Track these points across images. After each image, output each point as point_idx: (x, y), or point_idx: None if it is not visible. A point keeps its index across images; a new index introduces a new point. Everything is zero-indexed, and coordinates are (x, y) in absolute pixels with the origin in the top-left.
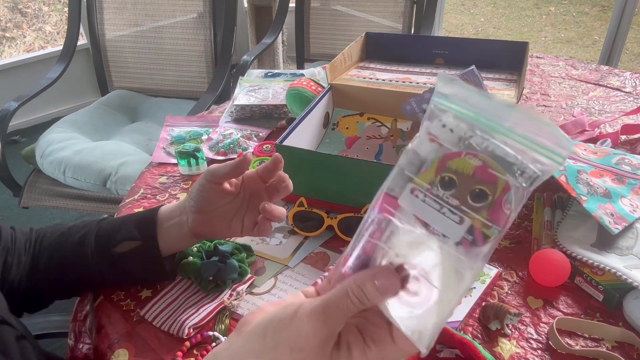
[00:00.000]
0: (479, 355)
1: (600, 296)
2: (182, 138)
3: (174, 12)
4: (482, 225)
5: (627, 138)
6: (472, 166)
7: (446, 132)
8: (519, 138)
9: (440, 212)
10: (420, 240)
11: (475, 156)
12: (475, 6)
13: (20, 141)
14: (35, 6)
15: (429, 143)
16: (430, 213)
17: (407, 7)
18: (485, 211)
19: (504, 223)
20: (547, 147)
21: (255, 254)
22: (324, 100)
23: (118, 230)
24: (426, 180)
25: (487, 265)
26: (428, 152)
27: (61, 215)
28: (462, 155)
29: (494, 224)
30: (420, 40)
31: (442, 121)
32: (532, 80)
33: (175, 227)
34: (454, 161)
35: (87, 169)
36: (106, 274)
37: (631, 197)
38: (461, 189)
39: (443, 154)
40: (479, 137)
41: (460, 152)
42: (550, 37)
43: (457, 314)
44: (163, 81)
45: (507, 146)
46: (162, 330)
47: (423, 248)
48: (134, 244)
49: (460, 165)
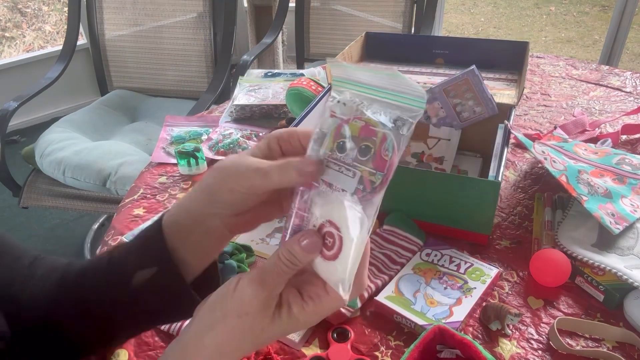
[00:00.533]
0: (479, 356)
1: (600, 296)
2: (182, 138)
3: (174, 12)
4: (369, 174)
5: (627, 138)
6: (358, 128)
7: (341, 106)
8: (389, 95)
9: (339, 171)
10: (329, 200)
11: (359, 119)
12: (476, 6)
13: (20, 141)
14: (35, 6)
15: (329, 119)
16: (332, 174)
17: (407, 7)
18: (370, 162)
19: (385, 168)
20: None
21: (255, 254)
22: (324, 100)
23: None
24: (328, 149)
25: (488, 265)
26: (329, 126)
27: (61, 215)
28: (350, 120)
29: (377, 171)
30: (420, 40)
31: (336, 98)
32: (532, 80)
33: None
34: (345, 127)
35: (87, 169)
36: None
37: (632, 197)
38: (351, 149)
39: (337, 124)
40: (363, 104)
41: (349, 119)
42: (550, 37)
43: (457, 314)
44: (163, 81)
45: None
46: (162, 330)
47: (333, 206)
48: (148, 272)
49: (350, 130)
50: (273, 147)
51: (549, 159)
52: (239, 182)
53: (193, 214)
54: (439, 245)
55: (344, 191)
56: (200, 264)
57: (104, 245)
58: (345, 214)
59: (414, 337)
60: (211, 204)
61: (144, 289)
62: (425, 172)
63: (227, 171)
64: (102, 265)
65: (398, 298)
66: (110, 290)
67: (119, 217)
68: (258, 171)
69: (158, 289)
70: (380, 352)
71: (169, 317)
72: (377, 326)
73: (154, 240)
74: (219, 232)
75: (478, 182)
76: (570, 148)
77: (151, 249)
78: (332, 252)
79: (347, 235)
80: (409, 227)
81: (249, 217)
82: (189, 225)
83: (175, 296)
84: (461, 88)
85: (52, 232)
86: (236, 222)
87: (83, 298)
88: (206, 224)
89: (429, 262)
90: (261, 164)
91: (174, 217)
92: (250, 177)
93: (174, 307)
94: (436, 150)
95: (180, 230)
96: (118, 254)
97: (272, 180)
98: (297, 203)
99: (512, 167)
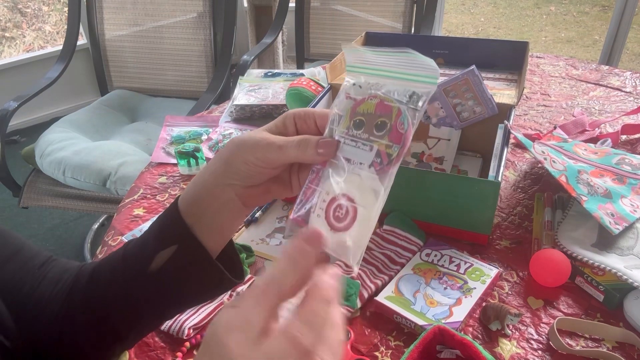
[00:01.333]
0: (479, 356)
1: (600, 296)
2: (182, 138)
3: (174, 12)
4: (385, 147)
5: (627, 138)
6: (373, 105)
7: (357, 89)
8: (402, 75)
9: (356, 147)
10: (345, 175)
11: (375, 97)
12: (476, 6)
13: (20, 141)
14: (35, 6)
15: (345, 100)
16: (350, 150)
17: (407, 7)
18: (386, 136)
19: (401, 141)
20: (421, 74)
21: (255, 254)
22: (324, 100)
23: (145, 245)
24: (345, 127)
25: (488, 266)
26: (344, 107)
27: (61, 215)
28: (366, 99)
29: (394, 143)
30: (420, 40)
31: (353, 80)
32: (532, 80)
33: (224, 211)
34: (361, 106)
35: (87, 169)
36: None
37: (632, 197)
38: (368, 125)
39: (353, 104)
40: (378, 84)
41: (364, 98)
42: (550, 37)
43: (457, 315)
44: (163, 81)
45: (395, 84)
46: (162, 330)
47: (347, 180)
48: (168, 251)
49: (365, 108)
50: (289, 124)
51: (549, 159)
52: (254, 154)
53: (209, 185)
54: (439, 245)
55: (362, 164)
56: (220, 241)
57: (104, 245)
58: (361, 185)
59: (414, 337)
60: (226, 173)
61: (165, 271)
62: (425, 172)
63: (244, 143)
64: (117, 258)
65: (398, 298)
66: (125, 283)
67: (119, 217)
68: (273, 145)
69: (181, 266)
70: (380, 352)
71: (198, 295)
72: (377, 326)
73: (172, 220)
74: (233, 205)
75: (478, 182)
76: (570, 148)
77: (169, 228)
78: (343, 223)
79: (362, 205)
80: (409, 227)
81: (261, 190)
82: (205, 200)
83: (200, 270)
84: (461, 88)
85: (52, 232)
86: (249, 194)
87: (97, 295)
88: (222, 196)
89: (429, 262)
90: (277, 139)
91: (190, 195)
92: (266, 150)
93: (203, 282)
94: (436, 150)
95: (196, 208)
96: (133, 244)
97: (289, 154)
98: (311, 177)
99: (512, 167)
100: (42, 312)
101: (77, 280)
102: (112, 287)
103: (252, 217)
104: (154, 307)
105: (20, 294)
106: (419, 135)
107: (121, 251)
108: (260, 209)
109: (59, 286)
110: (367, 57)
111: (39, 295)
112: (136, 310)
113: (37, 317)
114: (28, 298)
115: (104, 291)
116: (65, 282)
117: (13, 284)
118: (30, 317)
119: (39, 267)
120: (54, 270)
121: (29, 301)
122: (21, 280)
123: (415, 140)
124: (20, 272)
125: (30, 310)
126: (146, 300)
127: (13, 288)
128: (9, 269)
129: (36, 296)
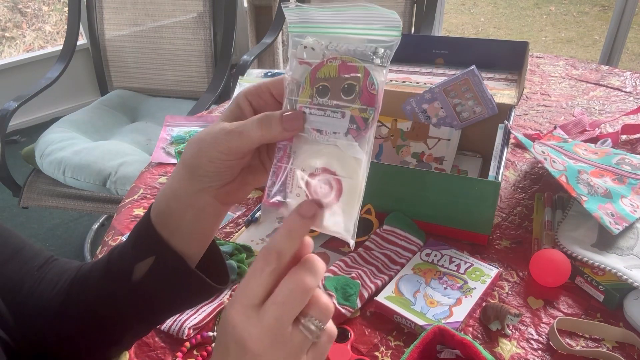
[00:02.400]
0: (479, 356)
1: (600, 296)
2: (182, 138)
3: (174, 12)
4: (359, 111)
5: (627, 138)
6: (335, 68)
7: (309, 52)
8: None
9: (325, 115)
10: (319, 148)
11: (335, 59)
12: (476, 6)
13: (20, 141)
14: (35, 6)
15: (299, 66)
16: (319, 120)
17: (407, 7)
18: (357, 100)
19: (375, 102)
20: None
21: (255, 254)
22: None
23: (124, 255)
24: (307, 96)
25: (488, 266)
26: (301, 74)
27: (61, 215)
28: (325, 62)
29: (368, 106)
30: (420, 40)
31: (302, 43)
32: (532, 80)
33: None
34: (321, 70)
35: (87, 169)
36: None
37: (632, 197)
38: (334, 91)
39: (312, 69)
40: (333, 43)
41: (323, 62)
42: (550, 37)
43: (457, 315)
44: (163, 81)
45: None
46: (162, 330)
47: (322, 153)
48: (148, 262)
49: (326, 72)
50: (243, 105)
51: (549, 159)
52: (216, 148)
53: (180, 196)
54: (439, 245)
55: (336, 133)
56: (199, 246)
57: (104, 245)
58: (341, 155)
59: (414, 338)
60: (195, 179)
61: (146, 281)
62: (425, 172)
63: (203, 142)
64: (103, 265)
65: (398, 298)
66: (112, 289)
67: (119, 217)
68: (232, 132)
69: (161, 276)
70: (380, 352)
71: (183, 302)
72: (377, 326)
73: (146, 231)
74: (212, 208)
75: (478, 182)
76: (570, 148)
77: (144, 240)
78: (329, 198)
79: (346, 175)
80: (409, 227)
81: (237, 185)
82: (178, 211)
83: (180, 279)
84: (461, 88)
85: (52, 232)
86: (226, 192)
87: (88, 300)
88: (197, 203)
89: (429, 262)
90: (235, 125)
91: (162, 207)
92: (227, 140)
93: (184, 290)
94: (436, 150)
95: (171, 219)
96: (116, 253)
97: (252, 137)
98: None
99: (512, 167)
100: (40, 312)
101: (73, 283)
102: (99, 293)
103: (252, 217)
104: (141, 314)
105: (20, 294)
106: (419, 135)
107: (106, 257)
108: (260, 209)
109: (57, 287)
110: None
111: (38, 296)
112: (125, 316)
113: (36, 317)
114: (27, 298)
115: (94, 297)
116: (64, 283)
117: (13, 284)
118: (29, 317)
119: (38, 267)
120: (54, 271)
121: (28, 301)
122: (21, 280)
123: (415, 140)
124: (20, 272)
125: (29, 311)
126: (133, 307)
127: (13, 288)
128: (9, 268)
129: (35, 297)
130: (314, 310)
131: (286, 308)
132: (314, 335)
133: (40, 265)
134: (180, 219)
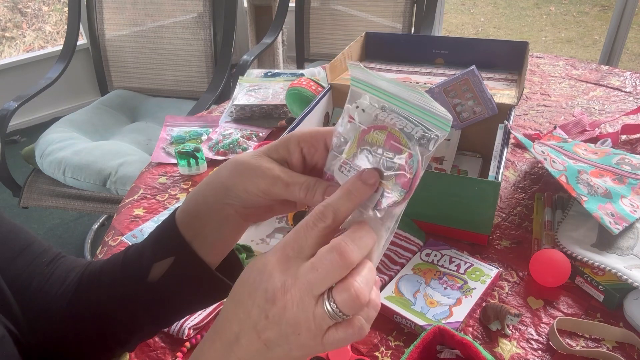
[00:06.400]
0: (479, 356)
1: (600, 296)
2: (182, 138)
3: (174, 12)
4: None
5: (627, 138)
6: (382, 139)
7: (360, 113)
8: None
9: None
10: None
11: (384, 128)
12: (476, 6)
13: (20, 141)
14: (35, 6)
15: (348, 124)
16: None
17: (407, 7)
18: (393, 177)
19: (408, 185)
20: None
21: (255, 254)
22: (324, 100)
23: (142, 255)
24: (351, 155)
25: (488, 266)
26: (348, 131)
27: (61, 215)
28: (372, 130)
29: (402, 188)
30: (420, 40)
31: (356, 103)
32: (532, 80)
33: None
34: (370, 135)
35: (87, 169)
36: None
37: (631, 197)
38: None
39: (361, 131)
40: (384, 108)
41: (371, 127)
42: (550, 37)
43: (457, 315)
44: (163, 81)
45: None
46: (162, 330)
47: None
48: (166, 263)
49: (374, 139)
50: (293, 150)
51: (549, 159)
52: (257, 185)
53: (209, 201)
54: (438, 245)
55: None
56: (218, 254)
57: (104, 245)
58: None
59: (414, 338)
60: (227, 195)
61: (163, 282)
62: (425, 172)
63: (247, 170)
64: (117, 263)
65: (398, 298)
66: (126, 288)
67: (119, 217)
68: (279, 180)
69: (179, 277)
70: (380, 352)
71: (197, 304)
72: (377, 326)
73: (168, 232)
74: (234, 221)
75: (478, 182)
76: (570, 148)
77: (166, 240)
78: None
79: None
80: (409, 227)
81: (262, 210)
82: (204, 215)
83: (199, 281)
84: (461, 88)
85: (52, 232)
86: (250, 213)
87: (99, 298)
88: (222, 212)
89: (429, 263)
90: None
91: (188, 210)
92: (271, 184)
93: (201, 291)
94: (436, 150)
95: (197, 222)
96: (132, 252)
97: (295, 194)
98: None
99: (512, 167)
100: (48, 309)
101: (81, 281)
102: (111, 292)
103: None
104: (153, 315)
105: (29, 289)
106: None
107: (121, 256)
108: None
109: (65, 284)
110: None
111: (46, 292)
112: (136, 317)
113: (44, 313)
114: (36, 294)
115: (104, 296)
116: (71, 280)
117: (22, 279)
118: (37, 313)
119: (47, 263)
120: (62, 268)
121: (36, 297)
122: (30, 276)
123: None
124: (29, 268)
125: (37, 307)
126: (145, 307)
127: (22, 283)
128: (19, 263)
129: (44, 293)
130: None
131: (319, 276)
132: (333, 317)
133: (49, 261)
134: (205, 223)
